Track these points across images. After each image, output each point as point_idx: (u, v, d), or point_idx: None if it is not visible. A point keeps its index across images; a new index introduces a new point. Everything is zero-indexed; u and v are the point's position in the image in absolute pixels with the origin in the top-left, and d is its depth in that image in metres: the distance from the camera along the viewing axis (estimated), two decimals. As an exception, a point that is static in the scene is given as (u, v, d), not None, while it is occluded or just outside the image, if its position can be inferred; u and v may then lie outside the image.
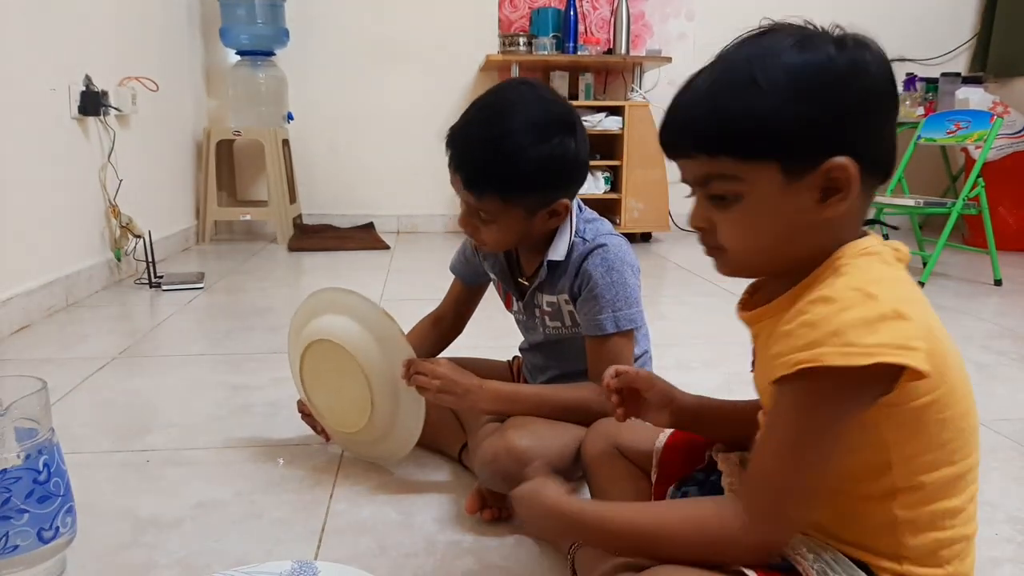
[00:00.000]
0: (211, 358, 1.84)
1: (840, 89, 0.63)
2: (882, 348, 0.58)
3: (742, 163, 0.64)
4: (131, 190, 2.70)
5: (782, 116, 0.63)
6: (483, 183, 1.02)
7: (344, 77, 3.87)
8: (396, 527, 1.06)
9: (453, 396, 1.06)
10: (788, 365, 0.61)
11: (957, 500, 0.66)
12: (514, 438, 1.02)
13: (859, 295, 0.60)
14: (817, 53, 0.64)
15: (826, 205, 0.64)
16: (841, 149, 0.63)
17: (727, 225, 0.68)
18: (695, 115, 0.66)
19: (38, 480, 0.89)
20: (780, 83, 0.63)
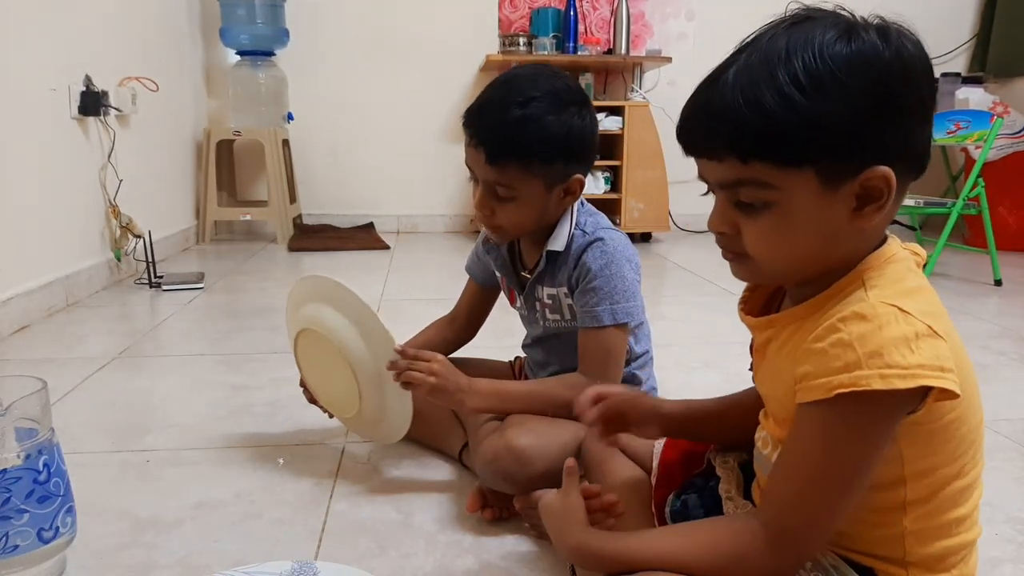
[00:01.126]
0: (211, 358, 1.84)
1: (887, 90, 0.58)
2: (923, 370, 0.56)
3: (778, 170, 0.59)
4: (131, 190, 2.70)
5: (826, 120, 0.57)
6: (506, 151, 1.03)
7: (344, 77, 3.87)
8: (396, 527, 1.06)
9: (445, 394, 1.05)
10: (825, 389, 0.58)
11: (964, 509, 0.66)
12: (514, 437, 1.02)
13: (894, 312, 0.58)
14: (863, 45, 0.58)
15: (861, 215, 0.60)
16: (882, 155, 0.59)
17: (755, 233, 0.63)
18: (730, 115, 0.60)
19: (38, 480, 0.89)
20: (825, 82, 0.57)
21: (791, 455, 0.63)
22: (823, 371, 0.58)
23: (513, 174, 1.04)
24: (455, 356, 1.34)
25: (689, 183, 3.94)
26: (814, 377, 0.59)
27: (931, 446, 0.62)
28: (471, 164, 1.08)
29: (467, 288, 1.34)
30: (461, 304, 1.34)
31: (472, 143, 1.06)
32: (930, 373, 0.56)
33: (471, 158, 1.07)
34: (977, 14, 4.15)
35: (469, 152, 1.07)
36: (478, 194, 1.09)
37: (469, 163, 1.08)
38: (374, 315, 1.11)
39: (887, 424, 0.59)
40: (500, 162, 1.03)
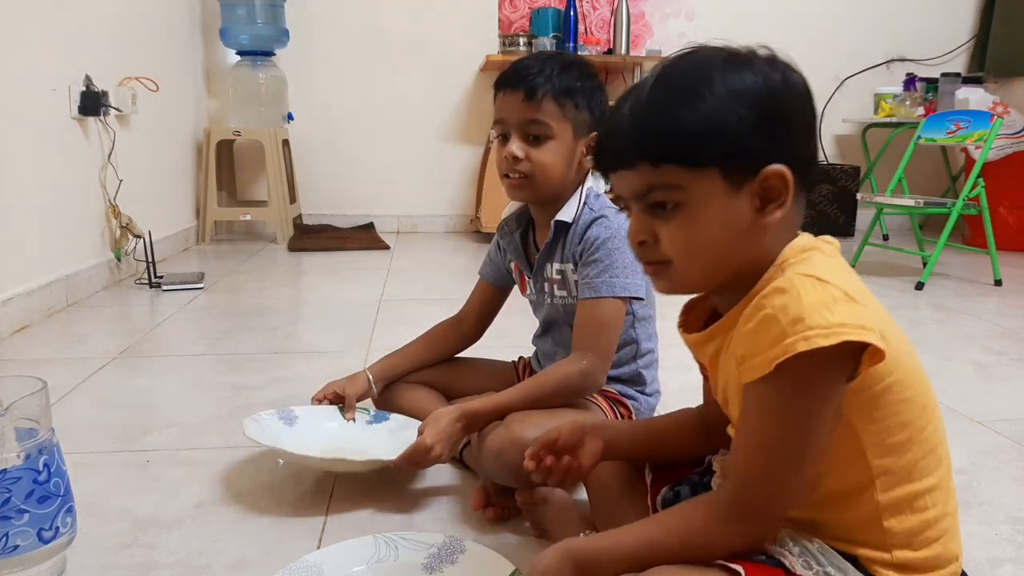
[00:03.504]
0: (211, 358, 1.84)
1: (777, 101, 0.66)
2: (844, 327, 0.60)
3: (686, 171, 0.66)
4: (131, 190, 2.70)
5: (726, 123, 0.64)
6: (545, 89, 1.08)
7: (344, 77, 3.87)
8: (396, 527, 1.06)
9: (453, 448, 1.09)
10: (764, 364, 0.62)
11: (932, 478, 0.68)
12: (519, 430, 1.02)
13: (811, 280, 0.63)
14: (753, 68, 0.67)
15: (764, 213, 0.67)
16: (778, 157, 0.65)
17: (671, 234, 0.68)
18: (641, 125, 0.67)
19: (38, 480, 0.89)
20: (723, 93, 0.65)
21: (745, 432, 0.67)
22: (758, 349, 0.63)
23: (549, 111, 1.09)
24: (459, 357, 1.35)
25: (689, 183, 3.97)
26: (751, 356, 0.64)
27: (878, 411, 0.66)
28: (503, 113, 1.12)
29: (477, 288, 1.36)
30: (471, 303, 1.36)
31: (507, 90, 1.11)
32: (851, 330, 0.60)
33: (504, 106, 1.11)
34: (977, 14, 4.15)
35: (503, 101, 1.11)
36: (511, 140, 1.12)
37: (501, 114, 1.12)
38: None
39: (825, 386, 0.63)
40: (537, 98, 1.08)
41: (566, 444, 0.86)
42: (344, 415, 1.28)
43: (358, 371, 1.31)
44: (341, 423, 1.26)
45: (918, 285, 2.70)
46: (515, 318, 1.34)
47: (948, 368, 1.80)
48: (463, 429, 1.08)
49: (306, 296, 2.70)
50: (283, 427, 1.23)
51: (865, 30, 4.05)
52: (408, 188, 4.03)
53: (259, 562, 0.97)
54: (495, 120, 1.14)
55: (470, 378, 1.32)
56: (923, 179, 3.94)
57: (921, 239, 3.32)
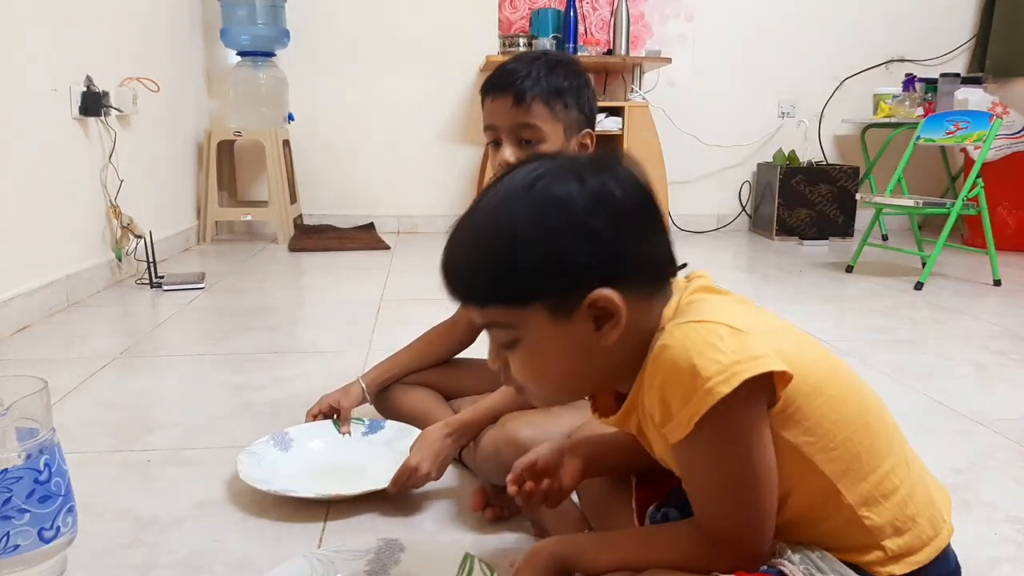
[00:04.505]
0: (212, 358, 1.84)
1: (585, 222, 0.63)
2: (738, 366, 0.60)
3: (510, 310, 0.66)
4: (132, 190, 2.70)
5: (533, 261, 0.63)
6: (533, 91, 1.08)
7: (345, 78, 3.87)
8: (396, 527, 1.06)
9: (446, 463, 1.10)
10: (680, 428, 0.62)
11: (889, 459, 0.68)
12: (515, 429, 1.03)
13: (689, 327, 0.63)
14: (558, 190, 0.64)
15: (602, 333, 0.65)
16: (601, 280, 0.64)
17: (516, 366, 0.69)
18: (457, 270, 0.68)
19: (39, 480, 0.89)
20: (526, 229, 0.63)
21: (693, 489, 0.68)
22: (670, 412, 0.63)
23: (539, 113, 1.08)
24: (457, 357, 1.35)
25: (689, 183, 3.97)
26: (667, 421, 0.64)
27: (807, 421, 0.65)
28: (494, 119, 1.11)
29: None
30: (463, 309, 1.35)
31: (495, 96, 1.10)
32: (746, 366, 0.60)
33: (494, 112, 1.10)
34: (977, 14, 4.15)
35: (492, 108, 1.10)
36: (503, 146, 1.11)
37: (491, 120, 1.11)
38: None
39: (749, 422, 0.63)
40: (526, 102, 1.08)
41: (545, 467, 0.86)
42: (339, 429, 1.28)
43: (351, 381, 1.31)
44: (337, 438, 1.26)
45: (917, 285, 2.70)
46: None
47: (947, 368, 1.80)
48: (453, 443, 1.10)
49: (306, 296, 2.71)
50: (278, 453, 1.22)
51: (864, 30, 4.05)
52: (408, 188, 4.03)
53: (259, 562, 0.97)
54: (485, 126, 1.13)
55: (468, 378, 1.31)
56: (922, 179, 3.94)
57: (920, 239, 3.32)
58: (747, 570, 0.65)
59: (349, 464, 1.21)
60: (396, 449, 1.19)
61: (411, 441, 1.12)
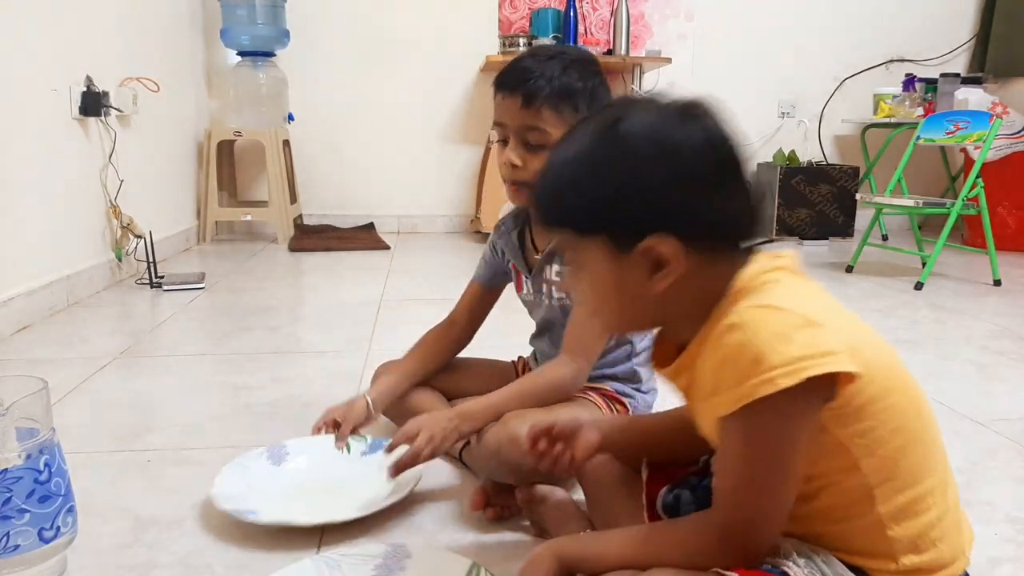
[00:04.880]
0: (212, 358, 1.84)
1: (660, 167, 0.64)
2: (803, 361, 0.59)
3: (577, 236, 0.69)
4: (132, 191, 2.70)
5: (601, 195, 0.66)
6: (542, 93, 1.06)
7: (345, 77, 3.87)
8: (397, 527, 1.06)
9: (445, 442, 1.06)
10: (729, 404, 0.62)
11: (931, 479, 0.68)
12: (517, 427, 1.02)
13: (764, 311, 0.62)
14: (639, 131, 0.65)
15: (653, 281, 0.66)
16: (663, 227, 0.64)
17: (582, 291, 0.73)
18: (540, 191, 0.71)
19: (39, 480, 0.89)
20: (602, 163, 0.66)
21: (723, 460, 0.68)
22: (722, 388, 0.63)
23: (547, 117, 1.07)
24: (460, 357, 1.35)
25: (689, 183, 3.97)
26: (716, 394, 0.64)
27: (863, 423, 0.64)
28: (502, 117, 1.10)
29: (469, 290, 1.35)
30: (462, 304, 1.34)
31: (505, 94, 1.08)
32: (813, 362, 0.59)
33: (503, 110, 1.09)
34: (977, 14, 4.15)
35: (501, 105, 1.09)
36: (509, 146, 1.10)
37: (499, 117, 1.10)
38: None
39: (796, 419, 0.63)
40: (535, 105, 1.06)
41: (561, 432, 0.87)
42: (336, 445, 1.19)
43: (357, 397, 1.23)
44: (332, 456, 1.18)
45: (917, 285, 2.70)
46: (515, 317, 1.34)
47: (947, 368, 1.80)
48: (455, 429, 1.07)
49: (306, 296, 2.71)
50: (269, 466, 1.18)
51: (864, 30, 4.05)
52: (408, 188, 4.03)
53: (260, 562, 0.97)
54: (495, 122, 1.13)
55: (470, 378, 1.32)
56: (922, 179, 3.95)
57: (920, 239, 3.32)
58: (747, 566, 0.65)
59: (344, 485, 1.14)
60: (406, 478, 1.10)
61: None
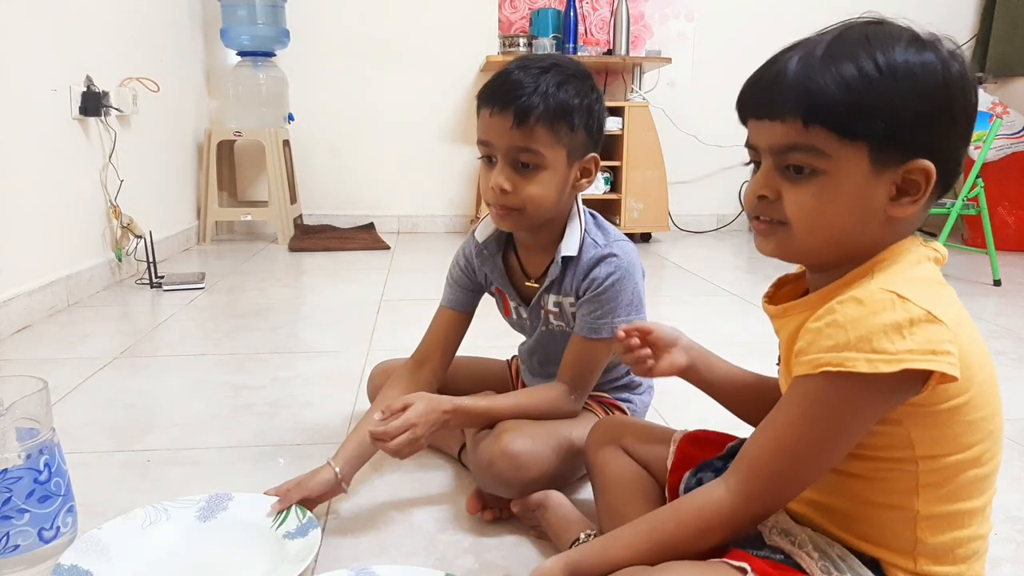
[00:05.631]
0: (212, 358, 1.85)
1: (948, 95, 0.62)
2: (911, 355, 0.58)
3: (836, 139, 0.62)
4: (132, 190, 2.70)
5: (892, 102, 0.61)
6: (536, 112, 0.97)
7: (345, 78, 3.88)
8: (396, 527, 1.07)
9: (427, 435, 1.01)
10: (812, 365, 0.61)
11: (978, 501, 0.67)
12: (509, 442, 1.01)
13: (891, 298, 0.60)
14: (935, 55, 0.63)
15: (897, 204, 0.64)
16: (928, 152, 0.62)
17: (798, 198, 0.65)
18: (806, 77, 0.63)
19: (39, 480, 0.89)
20: (899, 71, 0.61)
21: (773, 420, 0.66)
22: (814, 348, 0.61)
23: (541, 138, 0.99)
24: (457, 359, 1.33)
25: (689, 183, 3.97)
26: (805, 353, 0.62)
27: (937, 429, 0.63)
28: (490, 136, 1.01)
29: (438, 321, 1.22)
30: (433, 340, 1.21)
31: (494, 110, 0.99)
32: (918, 357, 0.58)
33: (491, 128, 1.00)
34: (977, 14, 4.15)
35: (489, 123, 1.00)
36: (497, 169, 1.01)
37: (487, 136, 1.01)
38: None
39: (870, 406, 0.62)
40: (528, 124, 0.97)
41: (656, 343, 0.88)
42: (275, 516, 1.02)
43: (322, 466, 1.07)
44: (258, 525, 1.00)
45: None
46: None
47: (947, 368, 1.80)
48: (444, 425, 1.03)
49: (306, 296, 2.71)
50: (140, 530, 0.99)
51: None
52: (408, 188, 4.03)
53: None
54: (479, 140, 1.03)
55: (465, 378, 1.30)
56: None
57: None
58: (740, 531, 0.66)
59: (211, 559, 0.96)
60: (297, 559, 0.92)
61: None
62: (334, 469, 1.05)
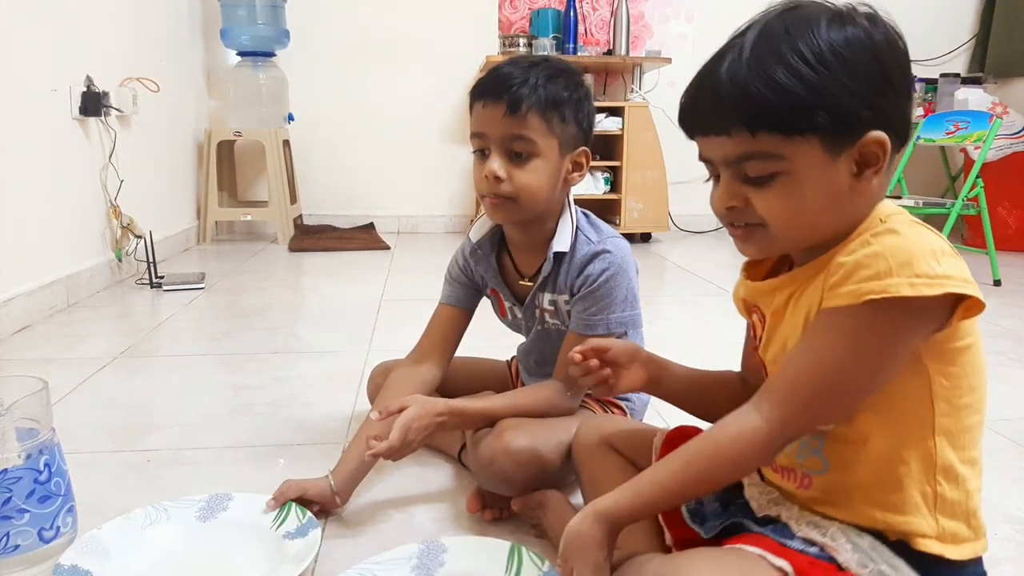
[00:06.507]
0: (212, 358, 1.85)
1: (879, 63, 0.64)
2: (950, 279, 0.60)
3: (785, 140, 0.64)
4: (132, 191, 2.70)
5: (828, 90, 0.62)
6: (529, 101, 0.99)
7: (344, 78, 3.88)
8: (396, 527, 1.06)
9: (431, 437, 1.03)
10: (854, 296, 0.62)
11: (976, 450, 0.69)
12: (511, 440, 1.01)
13: (923, 230, 0.63)
14: (856, 28, 0.64)
15: (861, 178, 0.65)
16: (876, 123, 0.64)
17: (766, 201, 0.67)
18: (741, 89, 0.63)
19: (39, 480, 0.89)
20: (826, 56, 0.62)
21: (807, 353, 0.66)
22: (853, 279, 0.62)
23: (534, 126, 1.00)
24: (456, 359, 1.33)
25: (689, 183, 3.97)
26: (842, 285, 0.63)
27: (954, 367, 0.66)
28: (483, 127, 1.02)
29: (437, 318, 1.22)
30: (432, 338, 1.21)
31: (487, 102, 1.01)
32: (956, 282, 0.60)
33: (485, 119, 1.02)
34: (976, 15, 4.15)
35: (482, 114, 1.02)
36: (491, 156, 1.02)
37: (480, 128, 1.03)
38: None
39: (910, 332, 0.63)
40: (521, 111, 0.99)
41: (614, 359, 0.87)
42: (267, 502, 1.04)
43: (322, 477, 1.08)
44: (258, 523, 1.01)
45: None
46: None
47: (948, 368, 1.80)
48: (441, 425, 1.03)
49: (306, 296, 2.71)
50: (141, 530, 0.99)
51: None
52: (408, 188, 4.03)
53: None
54: (472, 133, 1.04)
55: (465, 378, 1.30)
56: (922, 179, 3.94)
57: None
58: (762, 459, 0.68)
59: (211, 559, 0.95)
60: (296, 559, 0.92)
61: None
62: (331, 484, 1.06)
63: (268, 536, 0.98)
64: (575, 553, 0.71)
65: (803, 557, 0.65)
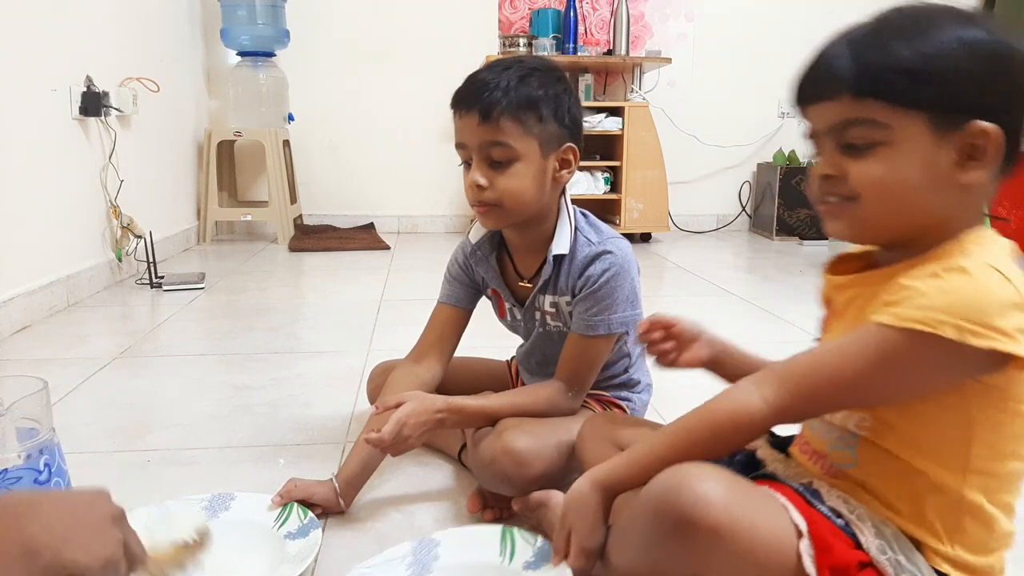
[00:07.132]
0: (212, 358, 1.85)
1: (1001, 61, 0.63)
2: (1002, 335, 0.58)
3: (891, 110, 0.63)
4: (132, 191, 2.70)
5: (946, 67, 0.62)
6: (499, 106, 0.99)
7: (345, 78, 3.88)
8: (396, 527, 1.07)
9: (429, 433, 1.04)
10: (898, 318, 0.61)
11: (1014, 497, 0.67)
12: (511, 440, 1.01)
13: (998, 276, 0.60)
14: (983, 28, 0.64)
15: (963, 169, 0.64)
16: (986, 116, 0.62)
17: (863, 170, 0.66)
18: (856, 53, 0.64)
19: (39, 480, 0.89)
20: (949, 38, 0.62)
21: (834, 354, 0.66)
22: (904, 302, 0.61)
23: (509, 130, 1.00)
24: (456, 359, 1.33)
25: (689, 183, 3.97)
26: (894, 305, 0.62)
27: (1002, 415, 0.64)
28: (462, 137, 1.04)
29: (436, 318, 1.22)
30: (431, 337, 1.21)
31: (462, 112, 1.02)
32: (1006, 341, 0.58)
33: (462, 130, 1.03)
34: (977, 14, 4.15)
35: (460, 125, 1.03)
36: (472, 165, 1.03)
37: (460, 138, 1.04)
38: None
39: (947, 372, 0.62)
40: (493, 118, 0.99)
41: (679, 334, 0.88)
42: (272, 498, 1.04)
43: (326, 480, 1.08)
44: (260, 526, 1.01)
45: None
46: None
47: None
48: (439, 422, 1.03)
49: (307, 296, 2.71)
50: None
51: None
52: (408, 188, 4.03)
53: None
54: (456, 144, 1.05)
55: (465, 378, 1.30)
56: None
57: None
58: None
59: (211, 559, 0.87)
60: (297, 559, 0.92)
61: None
62: (336, 488, 1.06)
63: (270, 536, 0.99)
64: (574, 515, 0.75)
65: (827, 523, 0.65)
